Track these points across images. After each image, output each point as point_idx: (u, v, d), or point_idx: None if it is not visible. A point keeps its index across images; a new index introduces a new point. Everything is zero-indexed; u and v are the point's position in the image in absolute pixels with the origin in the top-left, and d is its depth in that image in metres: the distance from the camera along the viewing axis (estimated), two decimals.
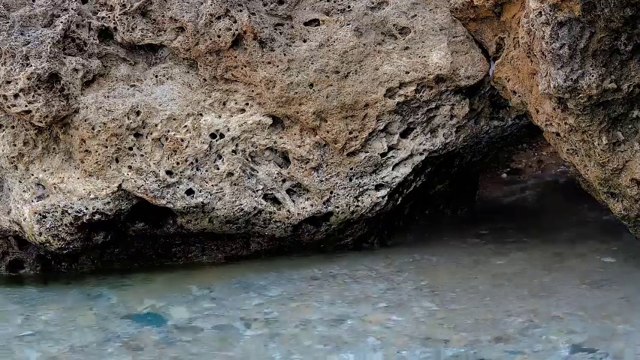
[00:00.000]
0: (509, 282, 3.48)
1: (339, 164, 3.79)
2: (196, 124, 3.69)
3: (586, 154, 3.37)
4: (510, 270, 3.62)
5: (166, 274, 3.80)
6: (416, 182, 3.97)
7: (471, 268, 3.68)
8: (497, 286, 3.43)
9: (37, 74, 3.55)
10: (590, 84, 3.14)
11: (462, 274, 3.59)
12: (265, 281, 3.63)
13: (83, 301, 3.52)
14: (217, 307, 3.36)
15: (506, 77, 3.66)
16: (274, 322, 3.18)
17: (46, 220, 3.64)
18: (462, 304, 3.26)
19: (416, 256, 3.88)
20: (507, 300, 3.27)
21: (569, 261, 3.71)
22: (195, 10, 3.65)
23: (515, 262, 3.72)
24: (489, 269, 3.65)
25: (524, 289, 3.38)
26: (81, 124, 3.63)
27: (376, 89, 3.75)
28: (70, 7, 3.66)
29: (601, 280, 3.43)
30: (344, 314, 3.23)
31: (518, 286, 3.42)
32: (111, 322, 3.26)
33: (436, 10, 3.80)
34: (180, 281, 3.68)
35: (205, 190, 3.70)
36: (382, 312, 3.24)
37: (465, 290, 3.40)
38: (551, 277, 3.51)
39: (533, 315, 3.09)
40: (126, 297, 3.53)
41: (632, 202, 3.41)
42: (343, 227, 3.91)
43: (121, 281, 3.73)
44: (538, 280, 3.48)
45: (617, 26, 3.01)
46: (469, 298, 3.31)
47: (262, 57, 3.69)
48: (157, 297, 3.49)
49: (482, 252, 3.89)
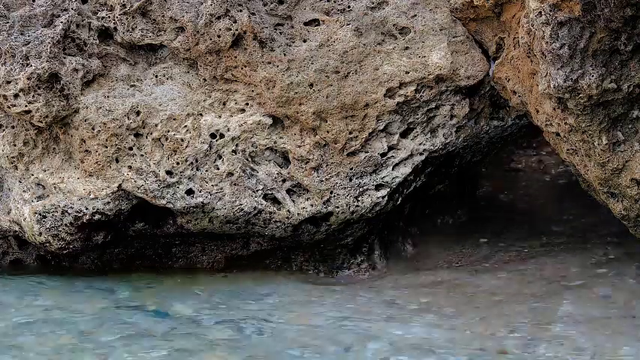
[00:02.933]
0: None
1: (339, 164, 3.79)
2: (196, 124, 3.69)
3: (586, 154, 3.37)
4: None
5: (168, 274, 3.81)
6: (416, 182, 3.97)
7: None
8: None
9: (37, 74, 3.55)
10: (590, 84, 3.14)
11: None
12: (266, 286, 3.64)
13: (84, 294, 3.53)
14: (219, 306, 3.37)
15: (506, 77, 3.66)
16: (276, 323, 3.18)
17: (46, 220, 3.64)
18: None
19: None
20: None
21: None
22: (195, 10, 3.65)
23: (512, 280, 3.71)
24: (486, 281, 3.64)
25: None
26: (81, 124, 3.63)
27: (376, 89, 3.75)
28: (70, 7, 3.66)
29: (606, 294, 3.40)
30: (344, 317, 3.23)
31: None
32: (112, 313, 3.27)
33: (436, 10, 3.80)
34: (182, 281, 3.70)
35: (205, 190, 3.70)
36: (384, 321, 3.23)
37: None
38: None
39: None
40: (127, 292, 3.54)
41: (632, 202, 3.41)
42: (343, 227, 3.91)
43: (121, 277, 3.73)
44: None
45: (617, 26, 3.01)
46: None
47: (262, 57, 3.69)
48: (158, 293, 3.49)
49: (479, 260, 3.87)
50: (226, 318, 3.25)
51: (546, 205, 4.71)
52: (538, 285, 3.49)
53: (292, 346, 2.94)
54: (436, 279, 3.59)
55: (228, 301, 3.44)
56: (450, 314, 3.21)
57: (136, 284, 3.67)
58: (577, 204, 4.44)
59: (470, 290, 3.48)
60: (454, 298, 3.35)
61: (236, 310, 3.34)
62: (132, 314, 3.27)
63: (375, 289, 3.65)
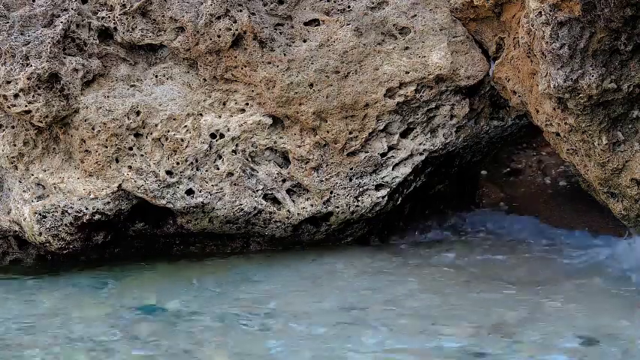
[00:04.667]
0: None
1: (339, 164, 3.79)
2: (196, 124, 3.69)
3: (586, 154, 3.37)
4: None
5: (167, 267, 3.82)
6: (416, 182, 3.97)
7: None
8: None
9: (37, 74, 3.55)
10: (590, 84, 3.14)
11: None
12: (264, 275, 3.64)
13: (83, 292, 3.53)
14: (217, 298, 3.37)
15: (506, 77, 3.66)
16: (273, 315, 3.19)
17: (46, 220, 3.64)
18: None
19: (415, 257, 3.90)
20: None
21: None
22: (195, 10, 3.65)
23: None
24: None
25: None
26: (81, 124, 3.63)
27: (376, 89, 3.75)
28: (70, 7, 3.66)
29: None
30: (344, 308, 3.24)
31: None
32: (112, 311, 3.27)
33: (436, 10, 3.80)
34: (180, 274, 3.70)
35: (205, 190, 3.70)
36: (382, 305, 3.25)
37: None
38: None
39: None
40: (127, 289, 3.54)
41: (632, 202, 3.41)
42: (343, 227, 3.91)
43: (121, 274, 3.74)
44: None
45: (617, 26, 3.01)
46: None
47: (262, 57, 3.69)
48: (158, 289, 3.50)
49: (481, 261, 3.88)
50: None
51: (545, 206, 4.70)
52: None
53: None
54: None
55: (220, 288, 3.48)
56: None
57: (133, 282, 3.67)
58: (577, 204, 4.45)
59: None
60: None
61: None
62: (129, 313, 3.27)
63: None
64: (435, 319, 3.11)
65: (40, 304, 3.42)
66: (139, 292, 3.48)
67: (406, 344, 2.91)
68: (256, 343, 2.95)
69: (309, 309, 3.24)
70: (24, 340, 3.05)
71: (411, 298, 3.36)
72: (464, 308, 3.20)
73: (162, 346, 2.94)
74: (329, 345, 2.91)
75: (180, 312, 3.25)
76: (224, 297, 3.40)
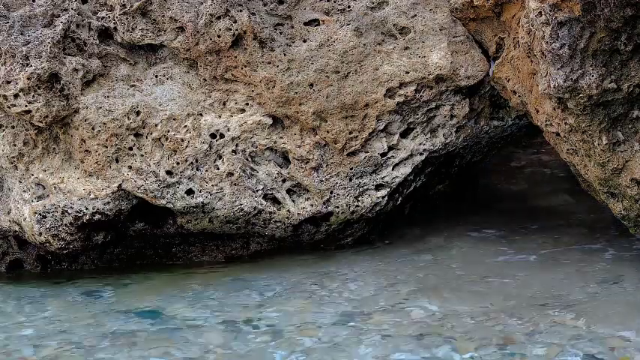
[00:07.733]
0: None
1: (339, 164, 3.79)
2: (196, 124, 3.69)
3: (586, 154, 3.37)
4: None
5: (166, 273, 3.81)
6: (416, 182, 3.98)
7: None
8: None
9: (37, 74, 3.55)
10: (590, 84, 3.14)
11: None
12: (265, 280, 3.64)
13: (83, 298, 3.53)
14: (218, 305, 3.37)
15: (506, 77, 3.66)
16: (275, 321, 3.18)
17: (46, 220, 3.64)
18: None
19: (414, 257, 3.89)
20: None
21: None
22: (195, 10, 3.65)
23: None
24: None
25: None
26: (81, 124, 3.63)
27: (376, 89, 3.75)
28: (70, 7, 3.66)
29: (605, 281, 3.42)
30: (344, 313, 3.23)
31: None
32: (110, 317, 3.27)
33: (436, 10, 3.80)
34: (180, 280, 3.70)
35: (205, 190, 3.70)
36: (383, 312, 3.24)
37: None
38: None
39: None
40: (126, 295, 3.54)
41: (632, 202, 3.41)
42: (343, 227, 3.91)
43: (121, 280, 3.74)
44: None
45: (617, 26, 3.01)
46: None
47: (262, 57, 3.69)
48: (157, 294, 3.49)
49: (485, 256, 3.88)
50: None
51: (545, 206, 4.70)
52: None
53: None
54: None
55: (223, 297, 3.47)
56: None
57: (133, 285, 3.67)
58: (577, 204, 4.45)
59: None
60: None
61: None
62: (128, 318, 3.26)
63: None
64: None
65: (43, 310, 3.42)
66: (139, 297, 3.48)
67: (410, 346, 2.92)
68: (260, 353, 2.94)
69: (312, 314, 3.24)
70: (25, 347, 3.05)
71: (412, 299, 3.36)
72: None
73: (162, 353, 2.93)
74: (333, 352, 2.90)
75: (180, 318, 3.25)
76: (224, 303, 3.40)
